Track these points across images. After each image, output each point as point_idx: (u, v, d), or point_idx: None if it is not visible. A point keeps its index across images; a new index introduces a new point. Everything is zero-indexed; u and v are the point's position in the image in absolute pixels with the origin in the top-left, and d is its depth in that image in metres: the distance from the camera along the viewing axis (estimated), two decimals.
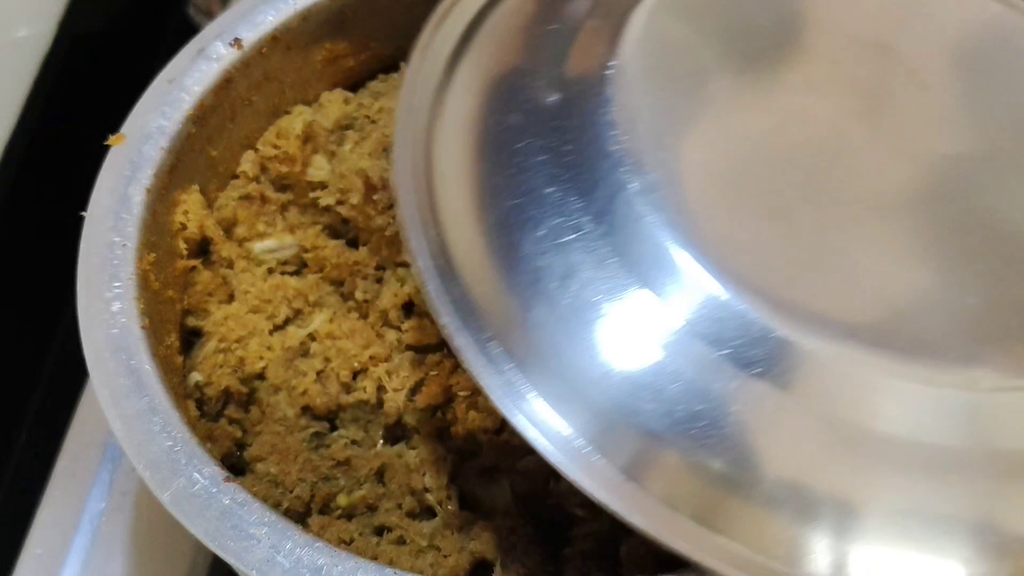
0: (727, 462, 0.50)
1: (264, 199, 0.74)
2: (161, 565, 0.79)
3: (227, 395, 0.68)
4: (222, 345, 0.68)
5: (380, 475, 0.66)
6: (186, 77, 0.70)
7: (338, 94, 0.78)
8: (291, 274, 0.74)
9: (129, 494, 0.81)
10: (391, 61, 0.80)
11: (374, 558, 0.60)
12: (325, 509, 0.64)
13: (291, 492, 0.64)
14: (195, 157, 0.71)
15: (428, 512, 0.65)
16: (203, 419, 0.67)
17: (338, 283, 0.74)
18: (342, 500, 0.64)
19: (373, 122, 0.75)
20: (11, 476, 0.89)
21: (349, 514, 0.64)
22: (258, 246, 0.73)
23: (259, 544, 0.54)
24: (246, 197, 0.74)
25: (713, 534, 0.49)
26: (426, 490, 0.64)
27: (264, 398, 0.68)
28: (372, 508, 0.64)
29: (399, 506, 0.65)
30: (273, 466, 0.64)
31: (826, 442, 0.50)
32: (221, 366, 0.68)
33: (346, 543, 0.62)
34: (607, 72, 0.57)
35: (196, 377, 0.67)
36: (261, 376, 0.69)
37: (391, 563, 0.60)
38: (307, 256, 0.73)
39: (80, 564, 0.79)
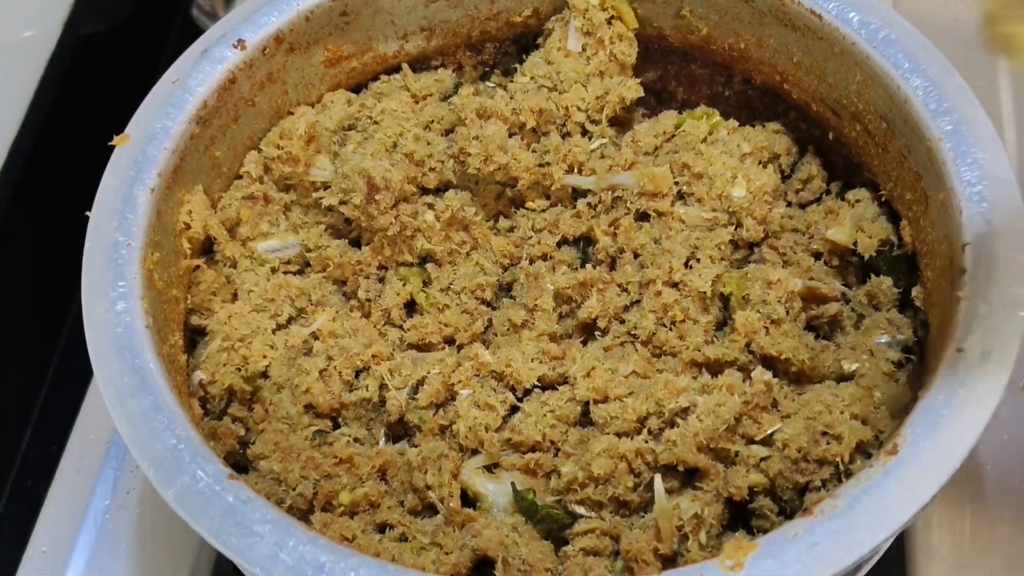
0: None
1: (267, 199, 0.74)
2: (165, 562, 0.79)
3: (231, 393, 0.68)
4: (226, 344, 0.68)
5: (382, 473, 0.66)
6: (190, 78, 0.71)
7: (341, 95, 0.78)
8: (294, 273, 0.74)
9: (133, 491, 0.82)
10: (393, 62, 0.80)
11: (376, 555, 0.60)
12: (327, 507, 0.64)
13: (294, 490, 0.64)
14: (199, 158, 0.71)
15: (430, 509, 0.65)
16: (207, 417, 0.68)
17: (341, 282, 0.74)
18: (344, 498, 0.64)
19: (376, 123, 0.76)
20: (17, 474, 0.89)
21: (351, 511, 0.64)
22: (261, 246, 0.73)
23: (262, 541, 0.54)
24: (249, 197, 0.74)
25: None
26: (428, 488, 0.64)
27: (267, 396, 0.68)
28: (374, 505, 0.65)
29: (401, 503, 0.65)
30: (276, 464, 0.65)
31: None
32: (225, 364, 0.68)
33: (348, 540, 0.62)
34: None
35: (200, 375, 0.68)
36: (264, 374, 0.69)
37: (393, 560, 0.60)
38: (310, 256, 0.74)
39: (85, 561, 0.79)
